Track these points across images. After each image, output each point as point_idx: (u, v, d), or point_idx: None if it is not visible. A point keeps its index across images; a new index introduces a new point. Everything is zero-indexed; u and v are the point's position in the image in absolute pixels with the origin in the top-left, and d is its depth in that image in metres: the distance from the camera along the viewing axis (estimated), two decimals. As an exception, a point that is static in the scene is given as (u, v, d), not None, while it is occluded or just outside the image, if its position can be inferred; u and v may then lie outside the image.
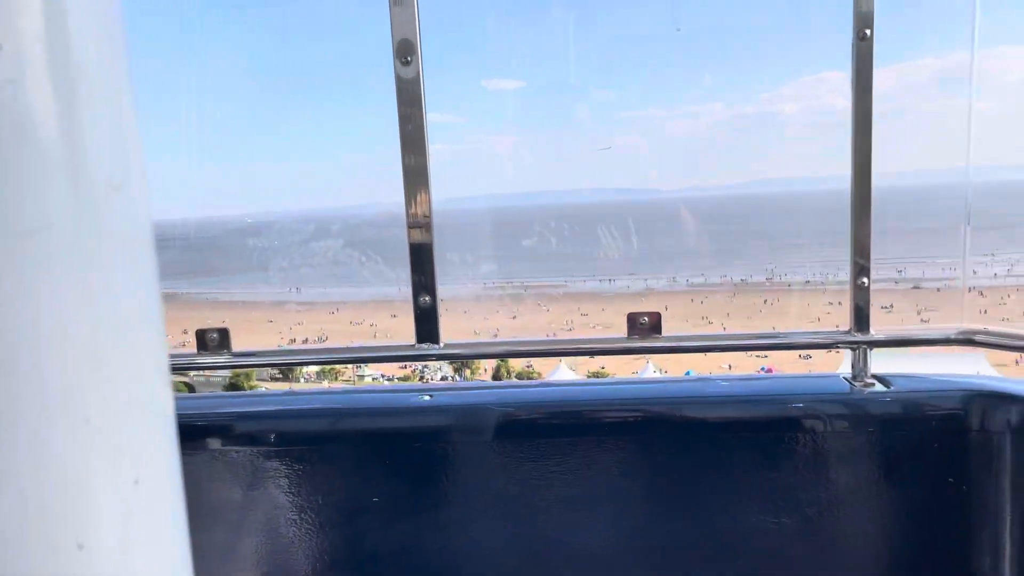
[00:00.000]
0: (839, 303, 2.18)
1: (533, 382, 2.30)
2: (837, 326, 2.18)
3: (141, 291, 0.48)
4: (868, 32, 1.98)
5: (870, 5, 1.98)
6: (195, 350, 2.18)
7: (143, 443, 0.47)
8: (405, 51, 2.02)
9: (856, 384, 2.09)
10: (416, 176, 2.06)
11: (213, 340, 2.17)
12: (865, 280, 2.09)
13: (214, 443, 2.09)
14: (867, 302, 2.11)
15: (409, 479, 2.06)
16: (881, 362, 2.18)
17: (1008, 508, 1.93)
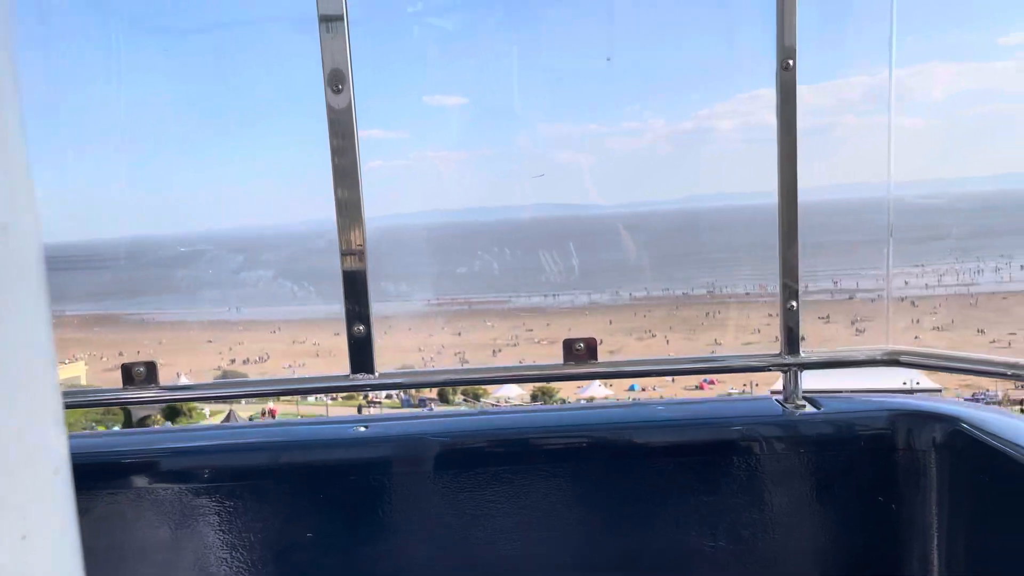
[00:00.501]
0: (778, 315, 2.21)
1: (470, 411, 2.29)
2: (776, 338, 2.21)
3: (30, 334, 0.45)
4: (791, 63, 2.04)
5: (792, 40, 2.03)
6: (120, 385, 2.11)
7: (31, 496, 0.45)
8: (337, 80, 2.00)
9: (788, 406, 2.13)
10: (349, 208, 2.04)
11: (140, 374, 2.10)
12: (794, 303, 2.13)
13: (140, 481, 2.02)
14: (797, 324, 2.15)
15: (345, 513, 2.02)
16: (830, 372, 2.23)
17: (935, 525, 1.98)
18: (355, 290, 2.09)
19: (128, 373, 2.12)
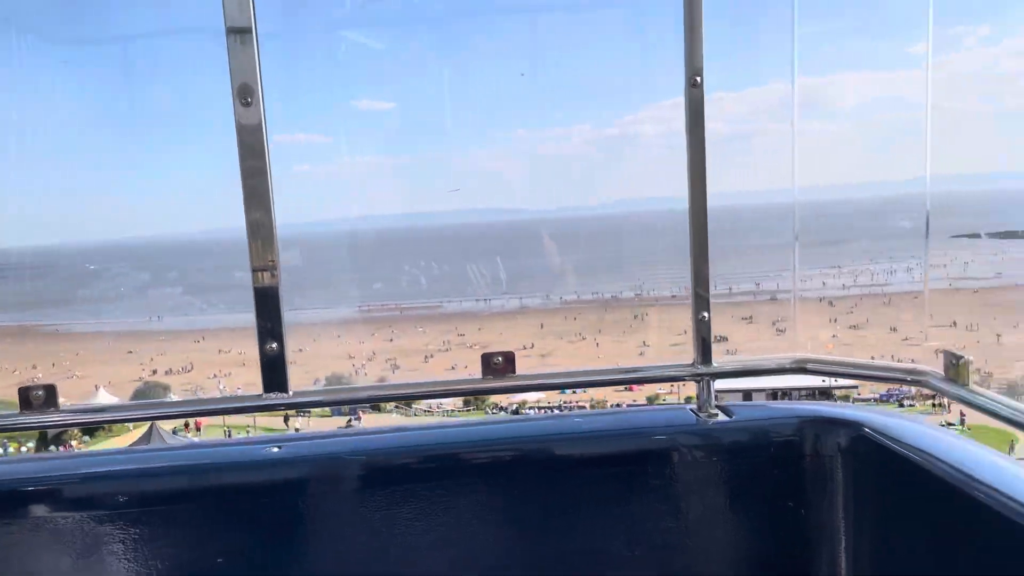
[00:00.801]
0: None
1: (386, 428, 2.26)
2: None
3: None
4: (699, 79, 2.08)
5: (700, 58, 2.08)
6: (17, 409, 2.00)
7: None
8: (245, 93, 1.96)
9: (701, 415, 2.16)
10: (260, 221, 1.99)
11: (38, 397, 2.01)
12: (706, 314, 2.17)
13: (41, 510, 1.93)
14: (709, 334, 2.19)
15: (258, 537, 1.97)
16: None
17: (842, 528, 2.04)
18: (267, 307, 2.04)
19: (25, 397, 2.02)
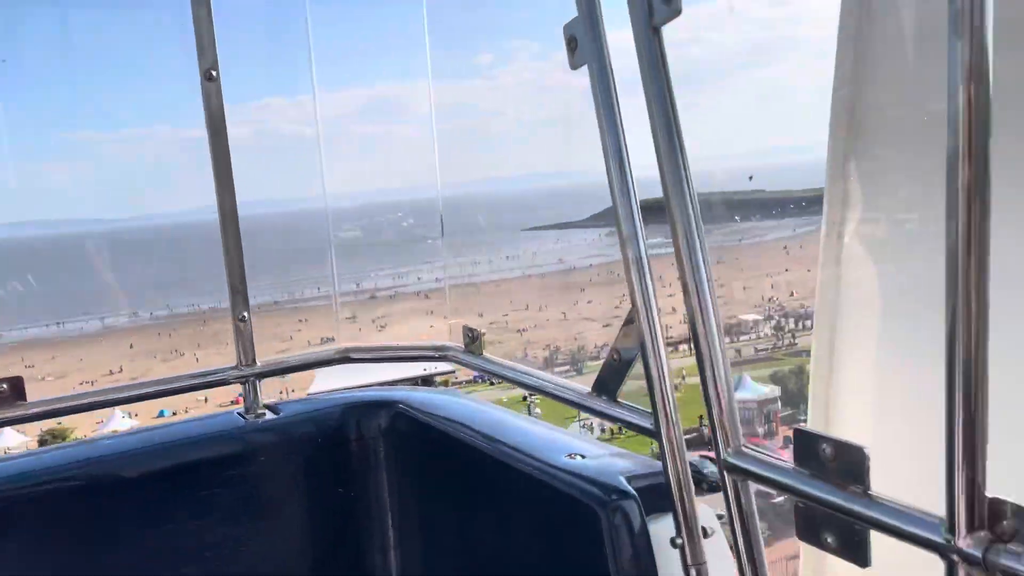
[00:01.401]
0: (305, 320, 2.21)
1: None
2: (310, 342, 2.20)
3: None
4: (215, 73, 2.04)
5: (214, 51, 2.04)
6: None
7: None
8: None
9: (249, 416, 2.14)
10: None
11: None
12: (245, 314, 2.15)
13: None
14: (251, 335, 2.17)
15: None
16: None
17: (388, 504, 2.17)
18: None
19: None
